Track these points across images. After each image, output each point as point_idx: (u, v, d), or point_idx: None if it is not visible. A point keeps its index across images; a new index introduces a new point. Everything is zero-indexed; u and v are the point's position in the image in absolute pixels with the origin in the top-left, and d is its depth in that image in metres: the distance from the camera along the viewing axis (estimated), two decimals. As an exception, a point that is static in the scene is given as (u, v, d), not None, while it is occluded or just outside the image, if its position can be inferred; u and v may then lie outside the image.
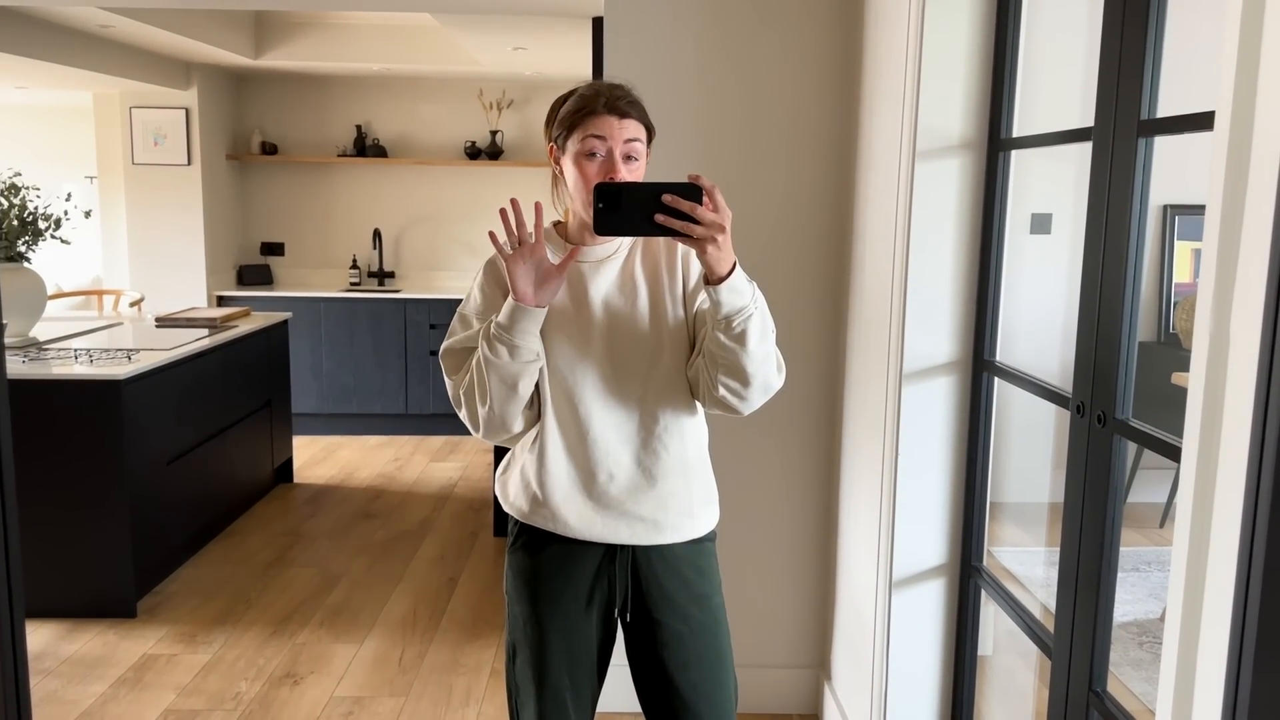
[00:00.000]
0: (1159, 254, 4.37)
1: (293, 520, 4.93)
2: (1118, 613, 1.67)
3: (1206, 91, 1.25)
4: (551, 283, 1.66)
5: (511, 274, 1.65)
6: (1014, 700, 2.87)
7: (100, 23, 4.86)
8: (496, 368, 1.68)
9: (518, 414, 1.74)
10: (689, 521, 1.82)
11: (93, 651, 3.50)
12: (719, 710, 1.84)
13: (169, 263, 6.43)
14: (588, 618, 1.82)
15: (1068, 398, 1.79)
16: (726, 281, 1.56)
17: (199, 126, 6.35)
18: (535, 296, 1.66)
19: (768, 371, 1.67)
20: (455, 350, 1.79)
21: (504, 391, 1.70)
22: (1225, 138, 1.11)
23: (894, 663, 2.41)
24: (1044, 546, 3.62)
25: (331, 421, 6.61)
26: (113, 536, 3.72)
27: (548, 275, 1.66)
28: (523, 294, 1.65)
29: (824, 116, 2.84)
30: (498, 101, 6.85)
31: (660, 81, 2.79)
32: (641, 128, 1.72)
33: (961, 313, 2.29)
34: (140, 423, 3.83)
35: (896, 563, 2.38)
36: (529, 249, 1.65)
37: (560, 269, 1.66)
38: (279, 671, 3.37)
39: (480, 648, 3.55)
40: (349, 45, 6.12)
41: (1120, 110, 1.61)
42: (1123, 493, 1.69)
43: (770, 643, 3.08)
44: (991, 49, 2.19)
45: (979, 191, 2.25)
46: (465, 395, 1.75)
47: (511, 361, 1.67)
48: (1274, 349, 0.99)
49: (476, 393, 1.72)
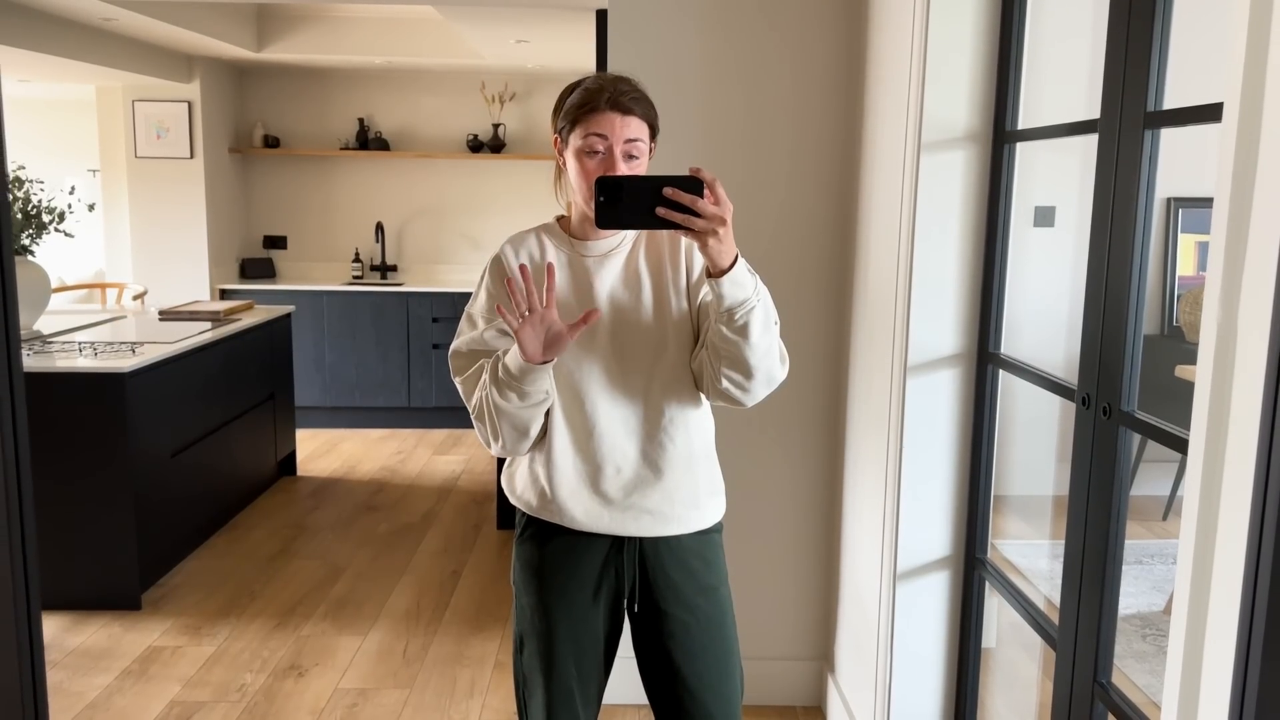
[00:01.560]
0: (1163, 247, 4.37)
1: (296, 513, 4.94)
2: (1121, 605, 1.68)
3: (1213, 83, 1.25)
4: (561, 343, 1.64)
5: (520, 338, 1.63)
6: (1018, 692, 2.88)
7: (103, 16, 4.86)
8: (507, 414, 1.70)
9: (529, 444, 1.78)
10: (695, 513, 1.82)
11: (98, 643, 3.51)
12: (725, 701, 1.85)
13: (172, 256, 6.43)
14: (595, 609, 1.82)
15: (1073, 390, 1.79)
16: (729, 274, 1.56)
17: (201, 120, 6.34)
18: (544, 354, 1.65)
19: (771, 363, 1.68)
20: (463, 353, 1.81)
21: (515, 435, 1.73)
22: (1234, 129, 1.11)
23: (898, 655, 2.42)
24: (1048, 540, 3.63)
25: (334, 415, 6.61)
26: (117, 529, 3.73)
27: (558, 337, 1.64)
28: (531, 355, 1.64)
29: (828, 108, 2.84)
30: (500, 94, 6.84)
31: (663, 74, 2.79)
32: (644, 126, 1.72)
33: (966, 305, 2.29)
34: (144, 416, 3.83)
35: (901, 555, 2.38)
36: (538, 316, 1.63)
37: (572, 332, 1.64)
38: (283, 663, 3.37)
39: (484, 640, 3.56)
40: (351, 38, 6.11)
41: (1126, 102, 1.61)
42: (1128, 484, 1.69)
43: (774, 635, 3.09)
44: (996, 41, 2.19)
45: (984, 184, 2.25)
46: (476, 419, 1.77)
47: (521, 406, 1.69)
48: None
49: (488, 428, 1.74)
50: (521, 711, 1.90)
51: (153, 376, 3.90)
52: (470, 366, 1.79)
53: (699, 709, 1.83)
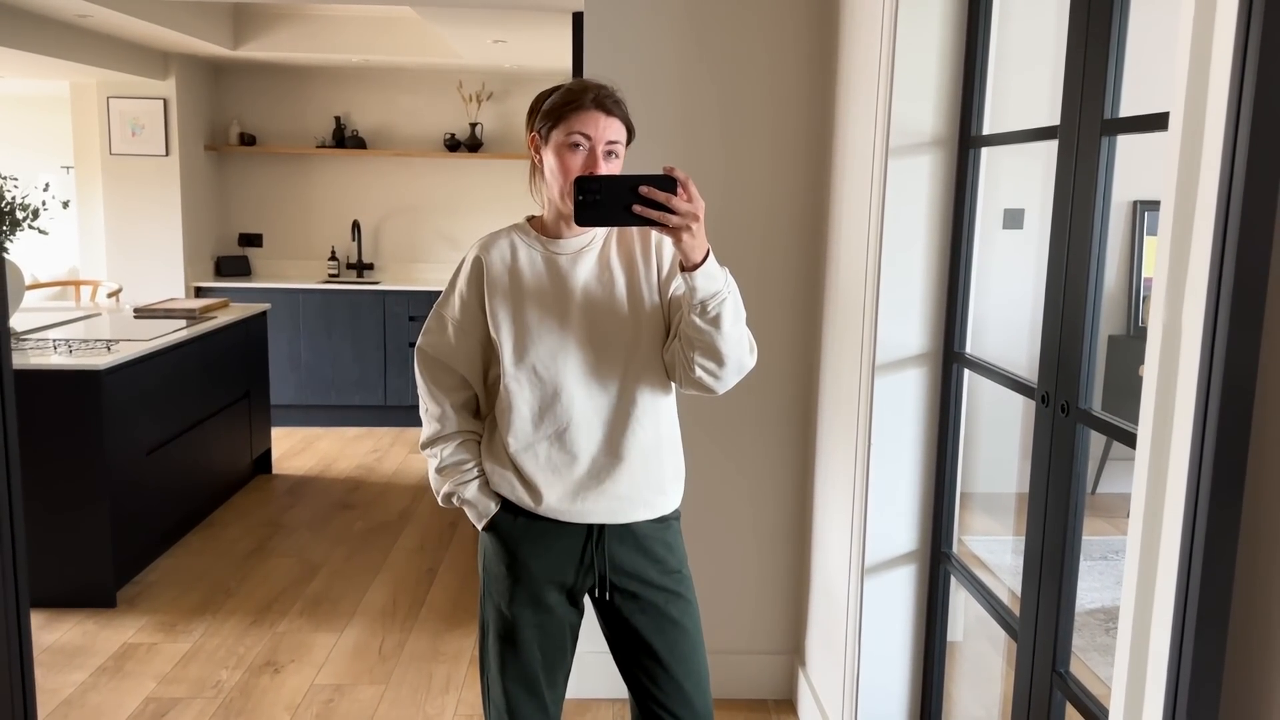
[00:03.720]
0: (1129, 249, 4.45)
1: (272, 511, 4.94)
2: (1086, 600, 1.74)
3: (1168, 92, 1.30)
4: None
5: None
6: (983, 684, 2.94)
7: (78, 12, 4.85)
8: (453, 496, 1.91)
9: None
10: (660, 498, 1.89)
11: (73, 641, 3.51)
12: (696, 674, 1.91)
13: (146, 253, 6.41)
14: (560, 595, 1.88)
15: (1033, 388, 1.85)
16: (701, 268, 1.64)
17: (177, 117, 6.32)
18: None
19: (741, 352, 1.76)
20: (429, 355, 1.92)
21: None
22: (1179, 137, 1.16)
23: (866, 647, 2.47)
24: (1012, 535, 3.70)
25: (310, 413, 6.61)
26: (92, 526, 3.73)
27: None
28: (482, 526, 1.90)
29: (800, 112, 2.89)
30: (477, 94, 6.86)
31: (639, 76, 2.83)
32: (623, 128, 1.79)
33: (933, 305, 2.35)
34: (120, 413, 3.84)
35: (869, 549, 2.43)
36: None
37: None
38: (259, 660, 3.39)
39: (460, 636, 3.59)
40: (328, 36, 6.12)
41: (1085, 109, 1.66)
42: (1085, 480, 1.75)
43: (746, 629, 3.13)
44: (963, 48, 2.25)
45: (950, 187, 2.30)
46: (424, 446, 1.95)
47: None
48: (1215, 338, 1.04)
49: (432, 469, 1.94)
50: (485, 696, 1.94)
51: (128, 374, 3.90)
52: (432, 370, 1.91)
53: (670, 682, 1.89)
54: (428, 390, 1.91)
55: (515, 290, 1.82)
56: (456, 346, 1.88)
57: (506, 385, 1.82)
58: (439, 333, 1.90)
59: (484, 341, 1.86)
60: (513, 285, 1.82)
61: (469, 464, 1.88)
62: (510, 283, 1.82)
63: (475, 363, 1.89)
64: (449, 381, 1.91)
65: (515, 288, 1.82)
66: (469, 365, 1.89)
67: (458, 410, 1.91)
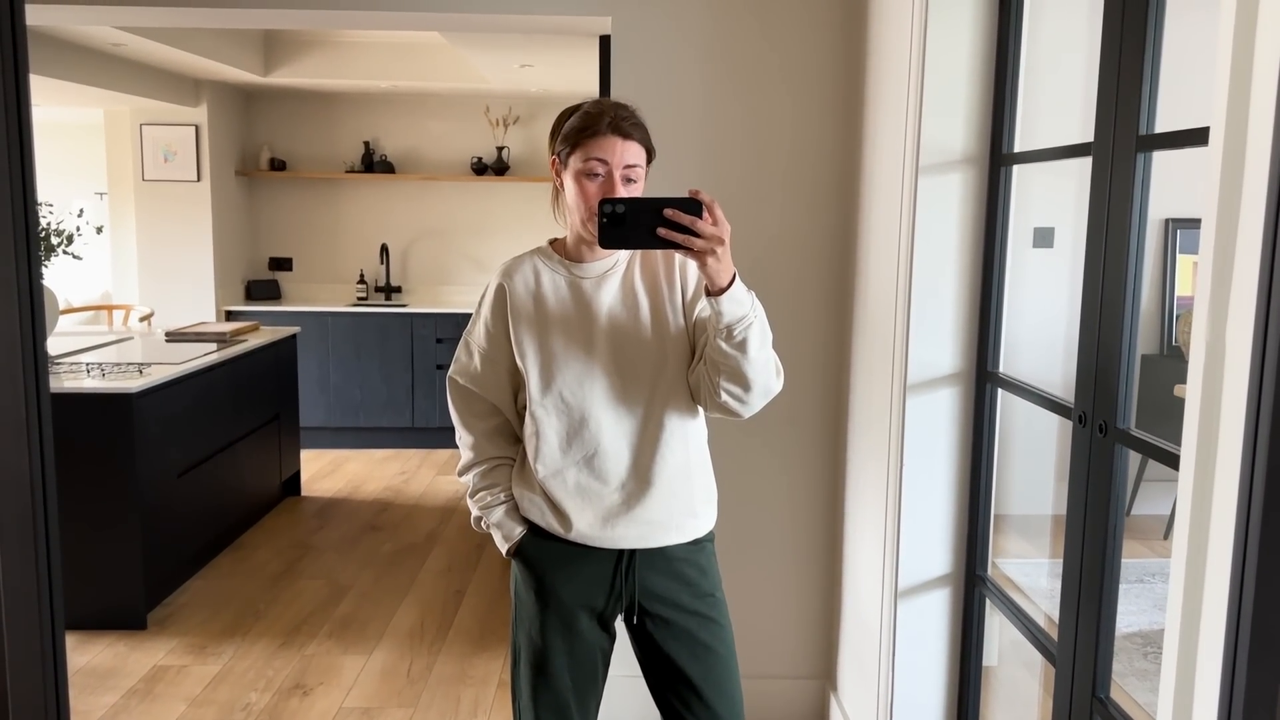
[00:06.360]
0: (1161, 267, 4.40)
1: (301, 533, 4.96)
2: (1122, 624, 1.70)
3: (1206, 107, 1.28)
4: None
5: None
6: (1019, 710, 2.89)
7: (112, 41, 4.92)
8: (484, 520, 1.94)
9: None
10: (692, 521, 1.87)
11: (104, 663, 3.52)
12: (730, 700, 1.88)
13: (178, 278, 6.48)
14: (592, 621, 1.86)
15: (1070, 408, 1.82)
16: (727, 292, 1.61)
17: (208, 143, 6.41)
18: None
19: (768, 376, 1.73)
20: (459, 384, 1.94)
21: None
22: (1220, 153, 1.14)
23: (899, 673, 2.43)
24: (1048, 558, 3.64)
25: (339, 435, 6.64)
26: (123, 548, 3.76)
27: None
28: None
29: (826, 132, 2.88)
30: (504, 118, 6.90)
31: (665, 99, 2.83)
32: (642, 151, 1.77)
33: (965, 324, 2.32)
34: (151, 436, 3.86)
35: (901, 573, 2.40)
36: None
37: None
38: (288, 683, 3.39)
39: (488, 659, 3.57)
40: (357, 63, 6.18)
41: (1119, 126, 1.64)
42: (1124, 501, 1.72)
43: (776, 654, 3.10)
44: (993, 65, 2.23)
45: (981, 206, 2.28)
46: (460, 473, 1.97)
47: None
48: (1265, 357, 1.02)
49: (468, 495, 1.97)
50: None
51: (160, 397, 3.93)
52: (464, 398, 1.93)
53: (705, 708, 1.86)
54: (460, 419, 1.93)
55: (540, 316, 1.81)
56: (484, 374, 1.88)
57: (534, 413, 1.81)
58: (467, 361, 1.92)
59: (511, 369, 1.86)
60: (537, 311, 1.82)
61: (496, 489, 1.89)
62: (535, 309, 1.82)
63: (505, 390, 1.89)
64: (479, 408, 1.91)
65: (540, 314, 1.81)
66: (498, 392, 1.89)
67: (489, 437, 1.92)
